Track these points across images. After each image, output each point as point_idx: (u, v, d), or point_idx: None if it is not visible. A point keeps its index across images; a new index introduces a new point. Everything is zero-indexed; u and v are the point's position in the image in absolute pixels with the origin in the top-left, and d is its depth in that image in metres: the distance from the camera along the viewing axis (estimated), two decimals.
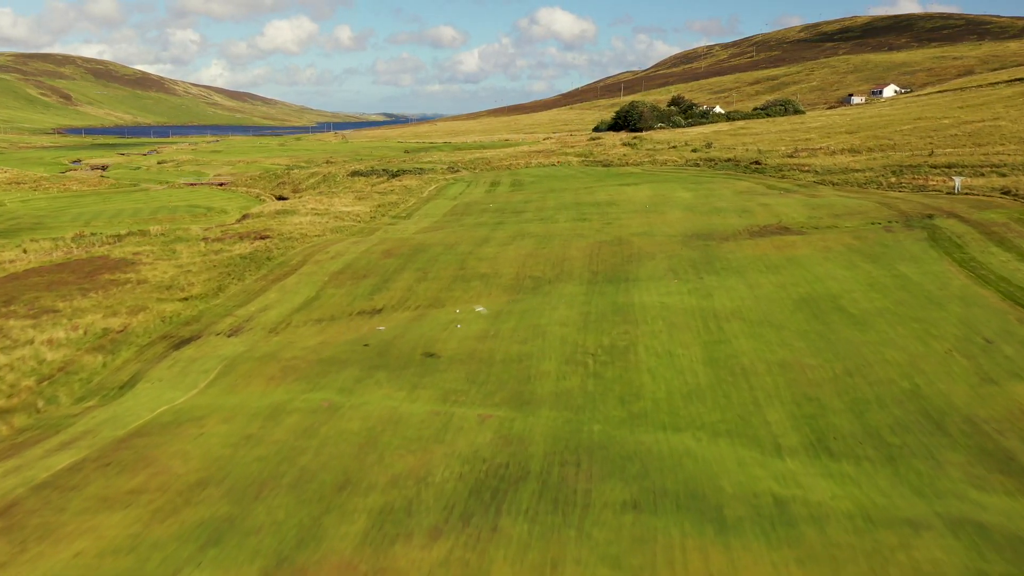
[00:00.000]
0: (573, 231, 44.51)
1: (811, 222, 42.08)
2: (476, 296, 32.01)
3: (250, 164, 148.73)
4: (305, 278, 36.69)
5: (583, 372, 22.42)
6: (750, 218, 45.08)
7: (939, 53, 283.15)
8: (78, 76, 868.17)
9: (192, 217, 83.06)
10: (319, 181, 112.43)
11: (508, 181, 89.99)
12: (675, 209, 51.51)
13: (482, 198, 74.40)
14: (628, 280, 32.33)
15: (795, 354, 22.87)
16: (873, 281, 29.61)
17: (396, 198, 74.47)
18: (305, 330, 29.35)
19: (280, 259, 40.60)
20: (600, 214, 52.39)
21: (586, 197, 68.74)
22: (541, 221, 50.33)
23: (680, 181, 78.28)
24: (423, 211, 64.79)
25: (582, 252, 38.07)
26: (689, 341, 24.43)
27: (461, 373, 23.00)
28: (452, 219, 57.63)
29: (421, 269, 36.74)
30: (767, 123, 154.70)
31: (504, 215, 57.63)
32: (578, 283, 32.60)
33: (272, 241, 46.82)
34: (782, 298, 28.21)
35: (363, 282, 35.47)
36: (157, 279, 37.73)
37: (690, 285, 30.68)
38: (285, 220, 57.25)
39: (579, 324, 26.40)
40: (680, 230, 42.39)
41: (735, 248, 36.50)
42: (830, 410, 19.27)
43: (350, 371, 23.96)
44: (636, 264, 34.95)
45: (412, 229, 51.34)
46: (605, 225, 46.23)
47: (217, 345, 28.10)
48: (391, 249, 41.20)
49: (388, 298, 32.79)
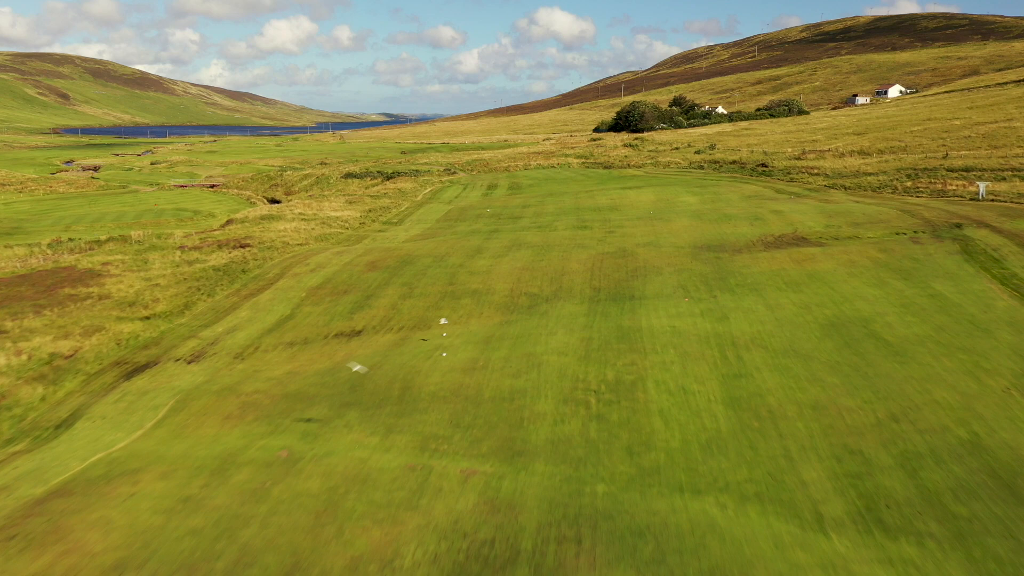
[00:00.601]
0: (573, 240, 41.49)
1: (830, 232, 39.06)
2: (466, 316, 29.00)
3: (243, 165, 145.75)
4: (281, 294, 33.66)
5: (584, 414, 19.40)
6: (763, 227, 42.06)
7: (943, 53, 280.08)
8: (76, 76, 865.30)
9: (177, 221, 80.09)
10: (312, 183, 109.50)
11: (506, 184, 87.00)
12: (681, 216, 48.48)
13: (478, 202, 71.41)
14: (634, 298, 29.30)
15: (829, 392, 19.84)
16: (907, 302, 26.58)
17: (388, 202, 71.47)
18: (274, 356, 26.33)
19: (256, 272, 37.57)
20: (602, 221, 49.37)
21: (587, 201, 65.75)
22: (539, 229, 47.32)
23: (684, 184, 75.28)
24: (415, 216, 61.79)
25: (583, 265, 35.05)
26: (705, 375, 21.40)
27: (444, 414, 19.98)
28: (445, 226, 54.62)
29: (407, 284, 33.71)
30: (771, 124, 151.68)
31: (500, 221, 54.63)
32: (578, 301, 29.58)
33: (251, 250, 43.81)
34: (807, 322, 25.18)
35: (343, 299, 32.45)
36: (121, 294, 34.70)
37: (703, 305, 27.65)
38: (269, 226, 54.24)
39: (579, 353, 23.38)
40: (688, 240, 39.36)
41: (750, 262, 33.47)
42: (877, 467, 16.24)
43: (318, 409, 20.95)
44: (642, 280, 31.92)
45: (402, 237, 48.32)
46: (607, 234, 43.21)
47: (174, 374, 25.08)
48: (376, 261, 38.16)
49: (369, 318, 29.76)
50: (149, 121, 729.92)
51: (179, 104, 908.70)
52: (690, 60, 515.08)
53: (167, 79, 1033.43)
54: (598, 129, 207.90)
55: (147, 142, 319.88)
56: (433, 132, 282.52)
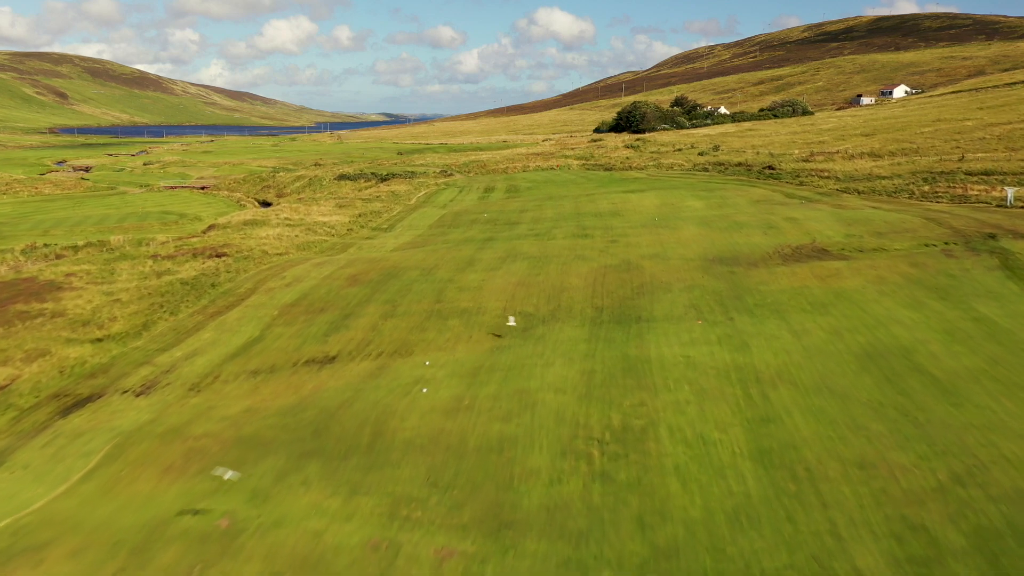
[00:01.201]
0: (573, 251, 38.43)
1: (851, 242, 35.99)
2: (453, 340, 25.93)
3: (235, 166, 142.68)
4: (251, 312, 30.59)
5: (586, 471, 16.34)
6: (778, 236, 38.99)
7: (948, 53, 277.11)
8: (75, 75, 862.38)
9: (161, 225, 77.03)
10: (304, 185, 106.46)
11: (503, 187, 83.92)
12: (688, 223, 45.40)
13: (474, 206, 68.34)
14: (640, 320, 26.23)
15: (875, 445, 16.78)
16: (950, 327, 23.51)
17: (380, 206, 68.41)
18: (234, 387, 23.26)
19: (227, 286, 34.48)
20: (603, 228, 46.30)
21: (587, 206, 62.70)
22: (536, 237, 44.23)
23: (689, 188, 72.22)
24: (407, 222, 58.73)
25: (583, 280, 31.97)
26: (727, 419, 18.34)
27: (420, 468, 16.92)
28: (437, 232, 51.55)
29: (390, 302, 30.64)
30: (775, 124, 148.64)
31: (496, 228, 51.56)
32: (579, 323, 26.51)
33: (227, 260, 40.74)
34: (839, 351, 22.11)
35: (319, 318, 29.37)
36: (77, 311, 31.63)
37: (719, 330, 24.57)
38: (250, 233, 51.17)
39: (580, 390, 20.30)
40: (698, 251, 36.28)
41: (768, 277, 30.39)
42: (948, 551, 13.18)
43: (273, 459, 17.89)
44: (649, 298, 28.84)
45: (390, 245, 45.22)
46: (609, 243, 40.14)
47: (117, 410, 22.01)
48: (359, 274, 35.07)
49: (346, 341, 26.69)
50: (148, 121, 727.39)
51: (178, 104, 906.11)
52: (691, 60, 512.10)
53: (166, 79, 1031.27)
54: (599, 130, 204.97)
55: (143, 142, 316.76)
56: (431, 132, 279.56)
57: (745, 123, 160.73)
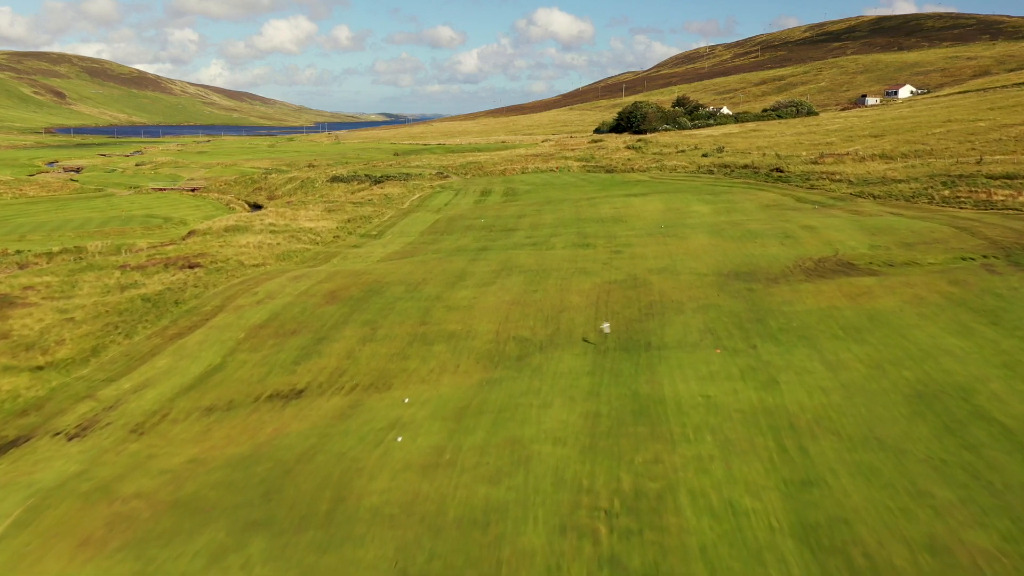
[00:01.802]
0: (573, 263, 35.32)
1: (878, 255, 32.89)
2: (438, 370, 22.83)
3: (227, 167, 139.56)
4: (215, 334, 27.46)
5: (591, 554, 13.23)
6: (796, 247, 35.90)
7: (952, 53, 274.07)
8: (73, 75, 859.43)
9: (144, 230, 73.99)
10: (296, 187, 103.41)
11: (501, 190, 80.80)
12: (697, 231, 42.29)
13: (469, 211, 65.24)
14: (651, 348, 23.14)
15: (946, 520, 13.67)
16: (1010, 360, 20.39)
17: (371, 210, 65.28)
18: (183, 429, 20.14)
19: (193, 303, 31.34)
20: (606, 237, 43.18)
21: (588, 211, 59.61)
22: (534, 247, 41.12)
23: (694, 191, 69.14)
24: (398, 228, 55.61)
25: (585, 298, 28.86)
26: (759, 480, 15.24)
27: (388, 547, 13.81)
28: (429, 240, 48.44)
29: (371, 323, 27.53)
30: (780, 125, 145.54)
31: (491, 236, 48.46)
32: (581, 350, 23.41)
33: (199, 272, 37.63)
34: (884, 391, 19.00)
35: (289, 342, 26.27)
36: (24, 332, 28.51)
37: (741, 361, 21.47)
38: (230, 240, 48.06)
39: (583, 440, 17.19)
40: (710, 264, 33.16)
41: (791, 296, 27.29)
42: None
43: (212, 531, 14.78)
44: (659, 320, 25.74)
45: (377, 255, 42.09)
46: (613, 255, 37.03)
47: (42, 459, 18.90)
48: (338, 289, 31.94)
49: (317, 370, 23.59)
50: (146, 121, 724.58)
51: (176, 104, 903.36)
52: (691, 60, 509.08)
53: (165, 78, 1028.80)
54: (599, 130, 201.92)
55: (138, 142, 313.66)
56: (430, 133, 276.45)
57: (749, 123, 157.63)
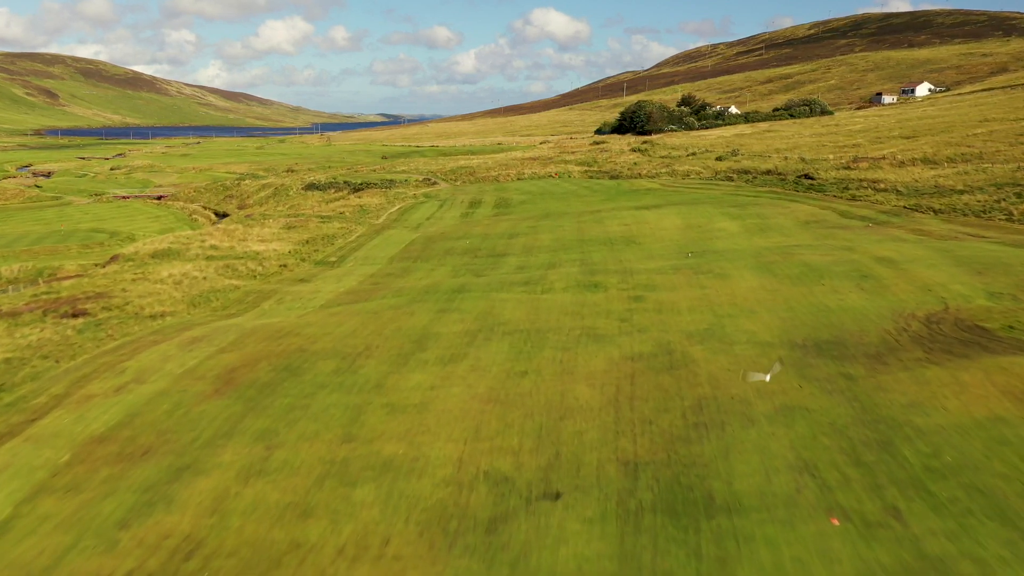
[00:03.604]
0: (579, 318, 25.65)
1: (1008, 309, 23.23)
2: (356, 549, 13.23)
3: (201, 172, 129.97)
4: (24, 456, 17.80)
5: None
6: (884, 294, 26.26)
7: (966, 50, 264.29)
8: (67, 76, 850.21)
9: (80, 248, 64.37)
10: (269, 195, 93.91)
11: (492, 200, 71.11)
12: (739, 265, 32.64)
13: (453, 227, 55.62)
14: (714, 508, 13.54)
15: None
16: None
17: (338, 227, 55.66)
18: None
19: (25, 388, 21.57)
20: (619, 271, 33.55)
21: (593, 229, 50.03)
22: (526, 287, 31.43)
23: (715, 203, 59.56)
24: (363, 252, 45.98)
25: (598, 391, 19.21)
26: None
27: None
28: (396, 271, 38.82)
29: (267, 435, 17.90)
30: (796, 125, 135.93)
31: (474, 265, 38.90)
32: (594, 514, 13.80)
33: (78, 324, 27.99)
34: None
35: (132, 473, 16.65)
36: None
37: (884, 551, 11.82)
38: (151, 272, 38.44)
39: None
40: (775, 326, 23.45)
41: (917, 391, 17.63)
42: None
43: None
44: (718, 440, 16.10)
45: (322, 296, 32.35)
46: (633, 303, 27.35)
47: None
48: (240, 366, 22.23)
49: (154, 541, 14.00)
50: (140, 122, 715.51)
51: (172, 105, 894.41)
52: (693, 59, 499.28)
53: (161, 79, 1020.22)
54: (600, 131, 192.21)
55: (125, 144, 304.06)
56: (424, 134, 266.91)
57: (761, 123, 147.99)
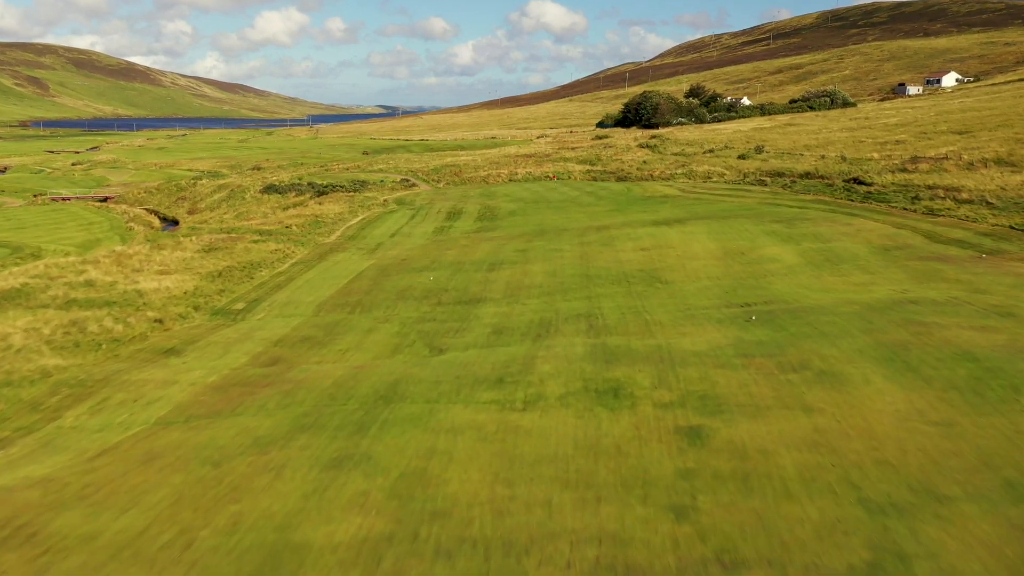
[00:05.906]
0: (589, 513, 13.30)
1: None
2: None
3: (160, 169, 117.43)
4: None
5: None
6: None
7: (987, 39, 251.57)
8: (58, 66, 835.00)
9: None
10: (223, 198, 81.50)
11: (475, 210, 58.74)
12: (854, 356, 20.20)
13: (418, 251, 43.30)
14: None
15: None
16: None
17: (273, 249, 43.34)
18: None
19: None
20: (651, 356, 21.16)
21: (602, 257, 37.78)
22: (499, 390, 18.99)
23: (754, 217, 47.24)
24: (286, 294, 33.67)
25: None
26: None
27: None
28: (311, 340, 26.50)
29: None
30: (820, 119, 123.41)
31: (429, 329, 26.61)
32: None
33: None
34: None
35: None
36: None
37: None
38: None
39: None
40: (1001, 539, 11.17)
41: None
42: None
43: None
44: None
45: (160, 406, 19.77)
46: (688, 449, 14.99)
47: None
48: None
49: None
50: (132, 113, 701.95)
51: (166, 96, 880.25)
52: (697, 49, 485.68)
53: (155, 70, 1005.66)
54: (603, 124, 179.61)
55: (106, 136, 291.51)
56: (417, 127, 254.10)
57: (779, 116, 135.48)
